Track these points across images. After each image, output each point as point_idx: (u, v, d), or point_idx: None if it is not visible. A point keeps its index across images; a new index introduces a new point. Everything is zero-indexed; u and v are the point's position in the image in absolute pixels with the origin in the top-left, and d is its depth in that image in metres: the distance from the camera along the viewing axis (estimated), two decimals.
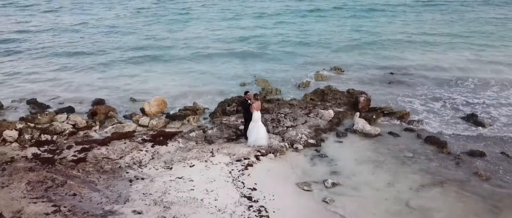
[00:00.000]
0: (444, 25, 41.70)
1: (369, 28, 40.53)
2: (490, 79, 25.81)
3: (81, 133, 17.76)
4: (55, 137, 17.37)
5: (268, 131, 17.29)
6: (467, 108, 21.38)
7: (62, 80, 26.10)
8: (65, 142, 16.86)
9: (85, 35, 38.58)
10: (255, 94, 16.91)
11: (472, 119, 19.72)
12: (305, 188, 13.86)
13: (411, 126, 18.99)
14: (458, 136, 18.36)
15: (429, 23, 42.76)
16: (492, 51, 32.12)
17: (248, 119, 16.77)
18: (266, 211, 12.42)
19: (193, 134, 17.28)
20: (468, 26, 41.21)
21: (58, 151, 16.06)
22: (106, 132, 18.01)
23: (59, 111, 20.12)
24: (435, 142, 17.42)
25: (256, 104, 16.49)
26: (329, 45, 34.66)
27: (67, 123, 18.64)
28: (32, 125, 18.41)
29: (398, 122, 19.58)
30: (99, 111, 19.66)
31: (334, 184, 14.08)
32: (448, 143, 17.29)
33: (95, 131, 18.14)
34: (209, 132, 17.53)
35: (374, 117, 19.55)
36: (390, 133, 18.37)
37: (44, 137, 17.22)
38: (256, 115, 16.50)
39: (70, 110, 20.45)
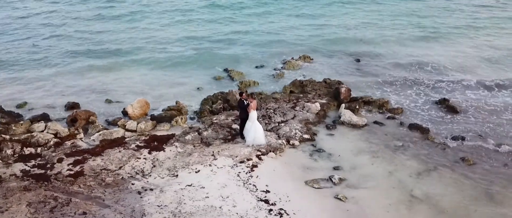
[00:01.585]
0: (390, 12, 42.74)
1: (328, 19, 40.11)
2: (446, 64, 27.48)
3: (68, 143, 16.74)
4: (39, 149, 16.27)
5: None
6: (436, 93, 22.72)
7: (19, 86, 23.84)
8: (53, 154, 15.85)
9: (25, 35, 34.36)
10: (252, 94, 16.88)
11: (444, 104, 21.06)
12: (315, 186, 14.24)
13: (393, 115, 19.91)
14: (437, 121, 19.59)
15: (376, 10, 43.59)
16: (439, 38, 33.74)
17: (244, 118, 16.74)
18: (287, 214, 12.66)
19: (188, 137, 16.97)
20: (412, 12, 42.53)
21: (48, 166, 15.10)
22: (93, 140, 17.15)
23: (34, 119, 18.75)
24: (418, 128, 18.50)
25: (253, 103, 16.49)
26: (291, 34, 34.56)
27: (47, 132, 17.49)
28: (7, 136, 17.07)
29: (379, 111, 20.43)
30: (80, 117, 18.62)
31: (341, 180, 14.58)
32: (430, 129, 18.39)
33: (81, 139, 17.21)
34: (205, 133, 17.29)
35: (357, 107, 20.25)
36: (376, 122, 19.20)
37: (27, 150, 16.08)
38: (253, 114, 16.53)
39: (45, 117, 19.12)
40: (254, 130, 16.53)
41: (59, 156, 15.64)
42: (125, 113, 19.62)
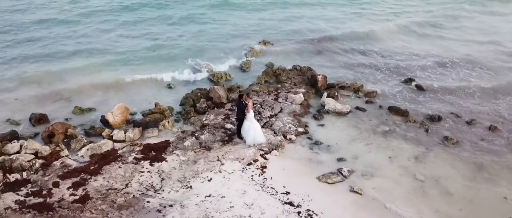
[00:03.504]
0: None
1: (271, 7, 39.48)
2: (395, 45, 29.10)
3: (57, 163, 15.32)
4: (25, 174, 14.74)
5: None
6: (398, 74, 24.09)
7: None
8: (45, 178, 14.45)
9: None
10: (247, 94, 16.67)
11: (411, 83, 22.47)
12: (329, 181, 14.65)
13: (371, 98, 20.83)
14: (411, 101, 20.96)
15: None
16: (381, 20, 35.32)
17: (242, 119, 16.56)
18: (316, 214, 12.92)
19: (187, 143, 16.40)
20: None
21: (45, 192, 13.77)
22: (82, 156, 15.91)
23: (3, 139, 16.80)
24: (398, 111, 19.61)
25: (250, 103, 16.35)
26: (242, 24, 33.46)
27: (26, 152, 15.86)
28: None
29: (356, 95, 21.26)
30: (57, 131, 17.07)
31: (350, 172, 15.12)
32: (408, 111, 19.57)
33: (68, 157, 15.87)
34: (202, 137, 16.83)
35: (336, 94, 20.86)
36: (357, 108, 19.99)
37: (12, 177, 14.50)
38: (250, 114, 16.40)
39: (14, 135, 17.22)
40: (253, 129, 16.45)
41: (53, 180, 14.33)
42: (104, 122, 18.34)
